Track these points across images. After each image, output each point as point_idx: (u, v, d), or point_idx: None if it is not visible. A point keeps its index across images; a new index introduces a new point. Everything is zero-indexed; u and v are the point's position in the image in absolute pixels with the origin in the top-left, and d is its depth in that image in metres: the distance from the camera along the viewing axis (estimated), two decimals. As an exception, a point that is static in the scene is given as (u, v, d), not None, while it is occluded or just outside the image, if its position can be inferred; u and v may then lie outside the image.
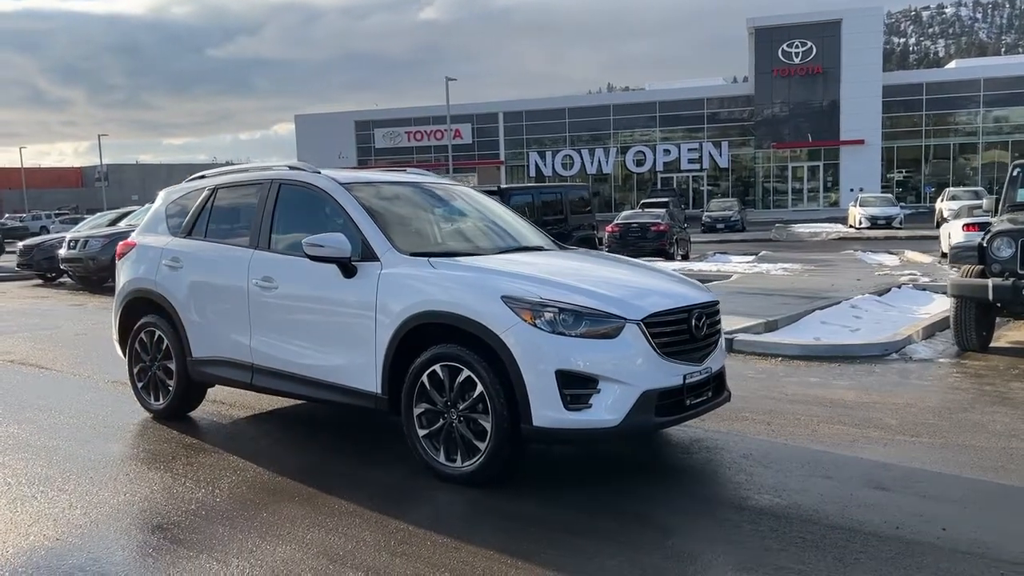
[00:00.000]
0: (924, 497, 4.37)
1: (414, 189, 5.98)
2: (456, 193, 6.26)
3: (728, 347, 8.82)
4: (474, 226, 5.92)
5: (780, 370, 7.77)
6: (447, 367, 4.62)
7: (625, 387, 4.40)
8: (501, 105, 56.57)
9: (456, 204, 6.13)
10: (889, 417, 5.97)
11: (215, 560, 3.73)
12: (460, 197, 6.23)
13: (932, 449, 5.21)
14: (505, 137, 56.00)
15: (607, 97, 57.52)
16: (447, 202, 6.09)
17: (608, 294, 4.58)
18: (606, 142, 54.75)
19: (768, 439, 5.49)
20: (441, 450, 4.70)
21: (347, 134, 57.97)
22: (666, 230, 22.15)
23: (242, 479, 4.86)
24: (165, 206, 6.57)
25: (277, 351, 5.47)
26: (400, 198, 5.77)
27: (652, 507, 4.32)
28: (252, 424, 6.18)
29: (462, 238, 5.69)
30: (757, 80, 50.93)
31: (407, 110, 58.17)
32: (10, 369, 8.45)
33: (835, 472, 4.80)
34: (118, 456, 5.40)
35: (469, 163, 55.85)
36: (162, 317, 6.18)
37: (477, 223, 5.97)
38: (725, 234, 34.96)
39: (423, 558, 3.70)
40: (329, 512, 4.30)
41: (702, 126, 53.07)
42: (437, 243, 5.43)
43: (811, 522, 4.05)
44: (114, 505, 4.45)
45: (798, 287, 13.81)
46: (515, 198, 14.25)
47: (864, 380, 7.25)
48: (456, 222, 5.93)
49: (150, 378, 6.32)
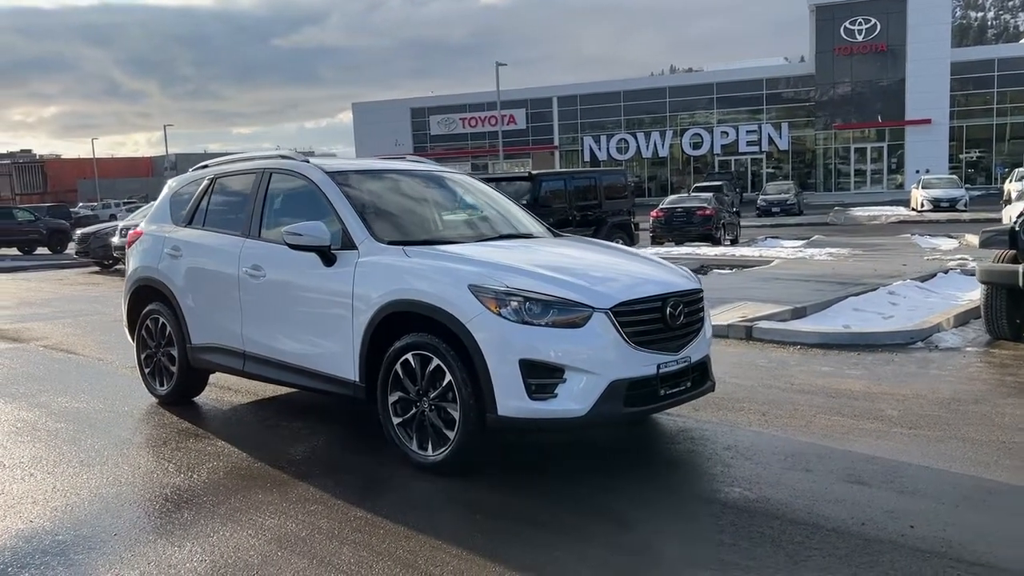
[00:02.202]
0: (901, 492, 4.21)
1: (406, 178, 5.98)
2: (450, 181, 6.24)
3: (747, 335, 8.66)
4: (463, 214, 5.90)
5: (794, 359, 7.57)
6: (419, 355, 4.62)
7: (592, 377, 4.34)
8: (555, 89, 56.21)
9: (448, 192, 6.12)
10: (892, 408, 5.76)
11: (171, 544, 3.81)
12: (454, 185, 6.21)
13: (927, 442, 5.02)
14: (559, 122, 55.67)
15: (663, 80, 56.62)
16: (439, 190, 6.08)
17: (578, 283, 4.51)
18: (662, 125, 53.97)
19: (759, 430, 5.36)
20: (414, 438, 4.71)
21: (403, 121, 58.37)
22: (712, 214, 21.76)
23: (222, 465, 4.95)
24: (170, 196, 6.71)
25: (266, 338, 5.56)
26: (390, 187, 5.77)
27: (619, 499, 4.26)
28: (250, 410, 6.29)
29: (447, 226, 5.67)
30: (818, 59, 49.52)
31: (461, 96, 58.24)
32: (42, 354, 8.76)
33: (816, 465, 4.66)
34: (115, 441, 5.55)
35: (523, 148, 55.73)
36: (165, 305, 6.33)
37: (467, 211, 5.95)
38: (780, 218, 34.19)
39: (371, 546, 3.72)
40: (296, 499, 4.35)
41: (761, 107, 51.89)
42: (421, 231, 5.40)
43: (775, 517, 3.94)
44: (93, 489, 4.58)
45: (839, 272, 13.43)
46: (546, 184, 14.18)
47: (879, 370, 7.01)
48: (445, 210, 5.92)
49: (155, 364, 6.49)
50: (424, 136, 58.44)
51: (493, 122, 52.08)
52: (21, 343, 9.50)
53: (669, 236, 22.04)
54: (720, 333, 8.79)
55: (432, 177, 6.15)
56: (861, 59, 48.44)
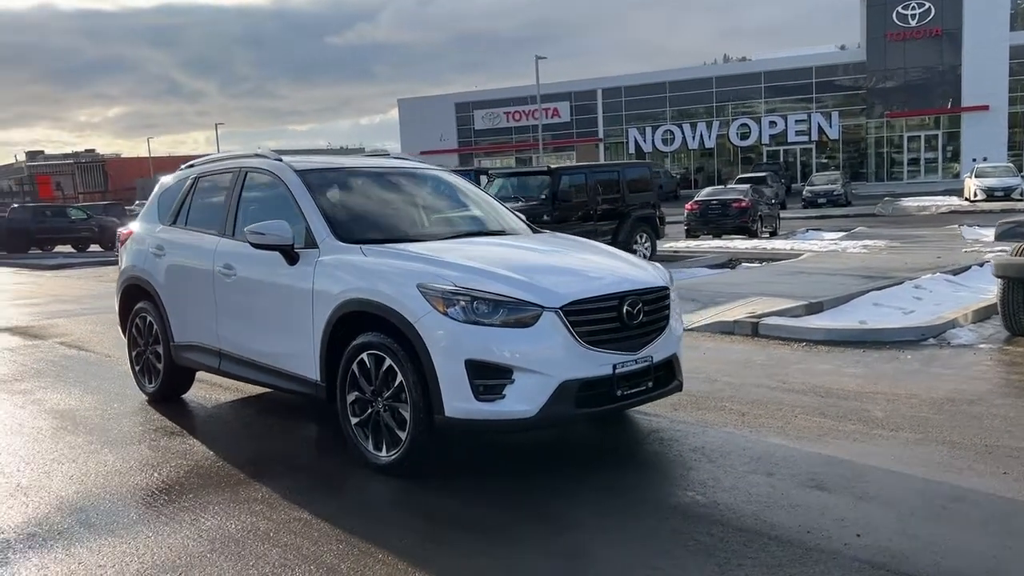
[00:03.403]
0: (860, 499, 4.03)
1: (380, 176, 5.94)
2: (429, 179, 6.18)
3: (753, 332, 8.44)
4: (434, 211, 5.85)
5: (795, 356, 7.35)
6: (373, 355, 4.58)
7: (541, 377, 4.25)
8: (599, 81, 55.73)
9: (425, 190, 6.07)
10: (879, 409, 5.55)
11: (108, 544, 3.83)
12: (432, 183, 6.15)
13: (903, 445, 4.81)
14: (604, 114, 55.22)
15: (709, 69, 55.47)
16: (415, 188, 6.02)
17: (530, 281, 4.42)
18: (709, 116, 53.17)
19: (733, 431, 5.20)
20: (370, 439, 4.68)
21: (448, 116, 58.56)
22: (748, 206, 21.32)
23: (186, 464, 4.98)
24: (159, 194, 6.79)
25: (238, 337, 5.58)
26: (361, 185, 5.74)
27: (566, 501, 4.16)
28: (233, 408, 6.33)
29: (416, 224, 5.60)
30: (869, 45, 48.20)
31: (505, 90, 58.12)
32: (55, 351, 8.96)
33: (781, 469, 4.49)
34: (92, 439, 5.61)
35: (567, 141, 55.45)
36: (151, 303, 6.40)
37: (439, 208, 5.90)
38: (827, 209, 33.38)
39: (300, 550, 3.69)
40: (245, 499, 4.35)
41: (811, 96, 50.73)
42: (385, 229, 5.32)
43: (719, 523, 3.81)
44: (53, 489, 4.63)
45: (868, 266, 13.06)
46: (566, 179, 14.03)
47: (880, 368, 6.76)
48: (417, 208, 5.85)
49: (144, 362, 6.58)
50: (468, 131, 58.54)
51: (538, 115, 51.93)
52: (40, 340, 9.74)
53: (704, 229, 21.69)
54: (726, 330, 8.62)
55: (409, 175, 6.09)
56: (915, 44, 47.00)
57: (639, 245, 14.89)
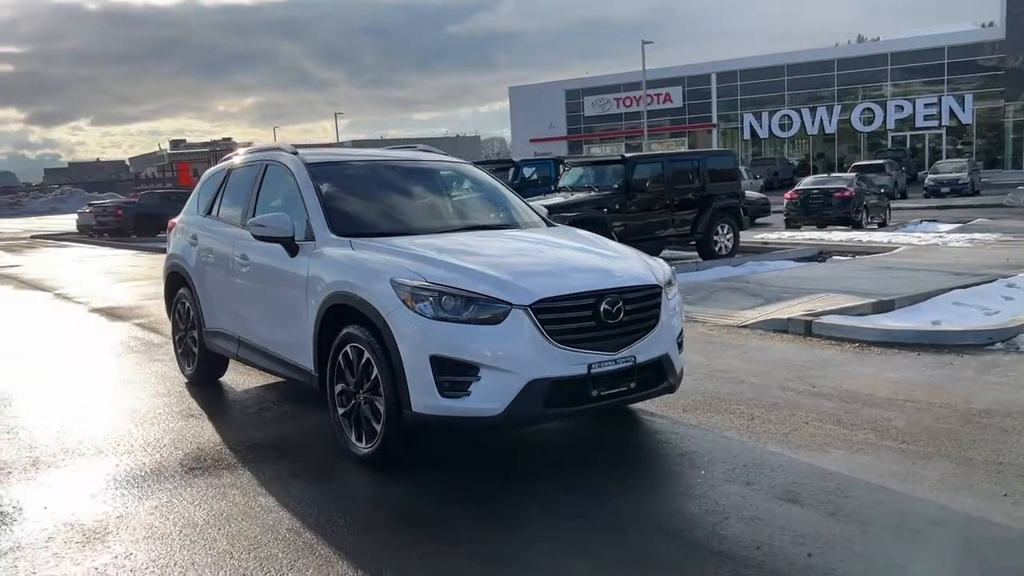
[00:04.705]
0: (831, 515, 3.79)
1: (391, 168, 5.99)
2: (442, 171, 6.19)
3: (806, 330, 8.05)
4: (440, 205, 5.84)
5: (841, 358, 6.96)
6: (355, 348, 4.63)
7: (508, 375, 4.19)
8: (713, 66, 54.23)
9: (434, 183, 6.07)
10: (902, 419, 5.19)
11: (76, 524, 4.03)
12: (444, 176, 6.16)
13: (909, 459, 4.48)
14: (718, 99, 53.76)
15: (831, 51, 52.91)
16: (425, 181, 6.04)
17: (502, 278, 4.35)
18: (830, 100, 50.90)
19: (732, 436, 4.98)
20: (352, 430, 4.74)
21: (558, 103, 58.42)
22: (851, 196, 20.31)
23: (188, 448, 5.18)
24: (200, 186, 7.07)
25: (251, 326, 5.77)
26: (368, 179, 5.79)
27: (526, 504, 4.11)
28: (258, 393, 6.52)
29: (415, 217, 5.59)
30: (1009, 23, 44.85)
31: (616, 76, 57.40)
32: (127, 333, 9.48)
33: (762, 479, 4.27)
34: (118, 415, 5.91)
35: (679, 128, 54.32)
36: (189, 290, 6.69)
37: (446, 202, 5.89)
38: (950, 199, 31.39)
39: (250, 539, 3.78)
40: (224, 485, 4.49)
41: (942, 78, 47.76)
42: (381, 222, 5.35)
43: (670, 535, 3.67)
44: (62, 463, 4.92)
45: (963, 262, 12.20)
46: (640, 168, 13.71)
47: (926, 373, 6.32)
48: (421, 201, 5.85)
49: (184, 346, 6.89)
50: (578, 118, 58.24)
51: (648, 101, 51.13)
52: (121, 321, 10.34)
53: (805, 219, 20.81)
54: (779, 328, 8.26)
55: (422, 168, 6.12)
56: (1061, 20, 43.43)
57: (720, 236, 14.43)
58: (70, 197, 68.39)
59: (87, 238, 30.37)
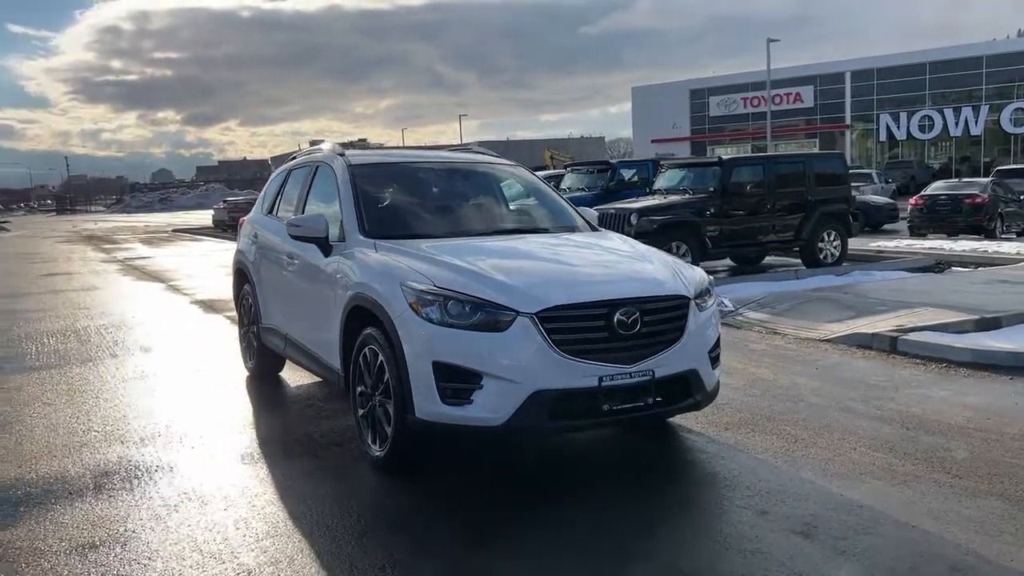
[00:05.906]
0: (840, 554, 3.46)
1: (433, 171, 5.96)
2: (485, 174, 6.10)
3: (891, 347, 7.49)
4: (477, 208, 5.75)
5: (920, 379, 6.42)
6: (372, 350, 4.62)
7: (511, 385, 4.06)
8: (848, 64, 51.71)
9: (476, 185, 5.99)
10: (966, 449, 4.72)
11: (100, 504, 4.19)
12: (486, 178, 6.07)
13: (955, 496, 4.05)
14: (852, 99, 51.22)
15: (978, 48, 49.28)
16: (466, 183, 5.98)
17: (511, 284, 4.23)
18: (976, 100, 47.59)
19: (767, 459, 4.66)
20: (369, 433, 4.73)
21: (682, 103, 57.24)
22: (983, 203, 18.89)
23: (229, 440, 5.29)
24: (267, 186, 7.27)
25: (295, 323, 5.87)
26: (408, 180, 5.79)
27: (517, 518, 3.97)
28: (310, 389, 6.60)
29: (446, 220, 5.50)
30: None
31: (743, 75, 55.63)
32: (217, 324, 9.89)
33: (781, 508, 3.96)
34: (171, 408, 6.14)
35: (810, 128, 52.12)
36: (250, 286, 6.88)
37: (484, 205, 5.81)
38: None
39: (238, 541, 3.81)
40: (249, 478, 4.59)
41: (1107, 75, 43.83)
42: (413, 225, 5.31)
43: (665, 567, 3.43)
44: (109, 451, 5.14)
45: (1096, 276, 11.08)
46: (740, 171, 13.15)
47: (1011, 401, 5.74)
48: (458, 204, 5.78)
49: (247, 341, 7.10)
50: (703, 118, 56.87)
51: (777, 101, 49.37)
52: (214, 313, 10.79)
53: (931, 227, 19.50)
54: (863, 343, 7.73)
55: (466, 171, 6.06)
56: None
57: (826, 243, 13.67)
58: (213, 193, 72.60)
59: (220, 232, 32.02)
